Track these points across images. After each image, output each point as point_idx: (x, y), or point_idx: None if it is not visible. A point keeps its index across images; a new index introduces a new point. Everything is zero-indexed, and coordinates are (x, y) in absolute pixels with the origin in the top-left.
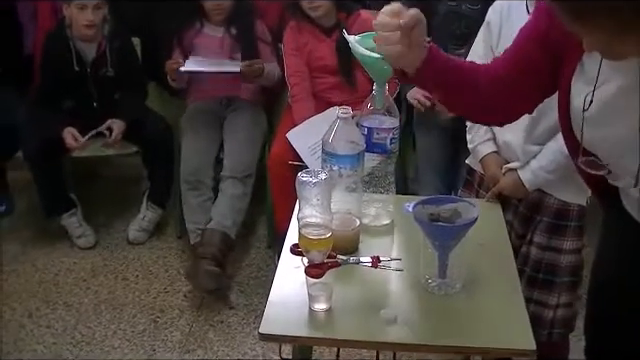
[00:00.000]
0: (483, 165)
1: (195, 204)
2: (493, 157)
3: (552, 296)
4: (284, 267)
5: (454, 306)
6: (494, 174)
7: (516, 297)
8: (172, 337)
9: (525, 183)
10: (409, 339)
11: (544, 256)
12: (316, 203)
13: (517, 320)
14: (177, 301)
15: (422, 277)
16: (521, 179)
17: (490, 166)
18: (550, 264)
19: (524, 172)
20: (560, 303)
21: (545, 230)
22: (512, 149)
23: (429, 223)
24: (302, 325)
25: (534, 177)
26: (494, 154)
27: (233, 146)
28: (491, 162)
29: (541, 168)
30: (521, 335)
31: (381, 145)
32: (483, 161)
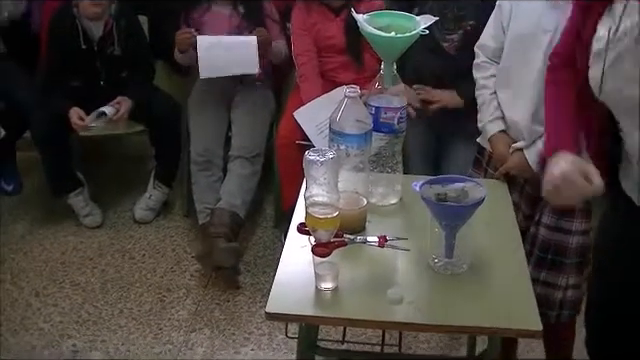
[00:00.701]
0: (491, 144)
1: (205, 184)
2: (501, 136)
3: (561, 277)
4: (291, 246)
5: (461, 286)
6: (502, 153)
7: (523, 277)
8: (178, 316)
9: (531, 163)
10: (415, 319)
11: (553, 237)
12: (323, 182)
13: (524, 300)
14: (184, 280)
15: (429, 257)
16: (527, 159)
17: (498, 145)
18: (559, 245)
19: (530, 152)
20: (569, 284)
21: (553, 211)
22: (519, 128)
23: (436, 203)
24: (308, 304)
25: (539, 157)
26: (502, 133)
27: (241, 126)
28: (499, 141)
29: None
30: (527, 316)
31: (389, 124)
32: (491, 140)
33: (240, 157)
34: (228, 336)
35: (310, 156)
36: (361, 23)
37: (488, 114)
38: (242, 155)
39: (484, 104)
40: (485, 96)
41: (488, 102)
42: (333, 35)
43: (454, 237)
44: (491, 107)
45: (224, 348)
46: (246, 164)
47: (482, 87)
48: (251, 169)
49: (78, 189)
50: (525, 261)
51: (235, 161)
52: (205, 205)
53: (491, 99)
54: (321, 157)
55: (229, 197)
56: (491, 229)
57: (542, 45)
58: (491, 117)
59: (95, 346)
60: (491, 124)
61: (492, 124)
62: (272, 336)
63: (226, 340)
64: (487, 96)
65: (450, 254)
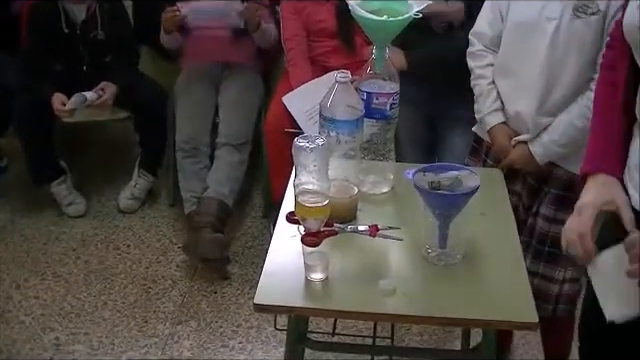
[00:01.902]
0: (491, 136)
1: (191, 172)
2: (502, 128)
3: (558, 270)
4: (280, 236)
5: (454, 277)
6: (503, 146)
7: (518, 268)
8: (164, 308)
9: (536, 156)
10: (408, 310)
11: (550, 229)
12: (313, 170)
13: (519, 292)
14: (170, 271)
15: (422, 247)
16: (532, 152)
17: (498, 138)
18: (556, 237)
19: (535, 145)
20: (566, 278)
21: (552, 202)
22: (523, 120)
23: (429, 191)
24: (298, 296)
25: (545, 150)
26: (503, 125)
27: (229, 112)
28: (500, 133)
29: (552, 141)
30: (523, 307)
31: (381, 111)
32: (491, 132)
33: (227, 144)
34: (215, 329)
35: (300, 143)
36: (352, 6)
37: (487, 105)
38: (229, 142)
39: (482, 95)
40: (483, 86)
41: (486, 93)
42: (324, 19)
43: (448, 227)
44: (490, 98)
45: (211, 341)
46: (233, 152)
47: (479, 77)
48: (239, 157)
49: (61, 177)
50: (521, 251)
51: (222, 148)
52: (191, 194)
53: (489, 90)
54: (311, 144)
55: (217, 185)
56: (486, 219)
57: (546, 34)
58: (490, 108)
59: (78, 339)
60: (490, 116)
61: (492, 116)
62: (261, 329)
63: (213, 333)
64: (485, 86)
65: (444, 244)
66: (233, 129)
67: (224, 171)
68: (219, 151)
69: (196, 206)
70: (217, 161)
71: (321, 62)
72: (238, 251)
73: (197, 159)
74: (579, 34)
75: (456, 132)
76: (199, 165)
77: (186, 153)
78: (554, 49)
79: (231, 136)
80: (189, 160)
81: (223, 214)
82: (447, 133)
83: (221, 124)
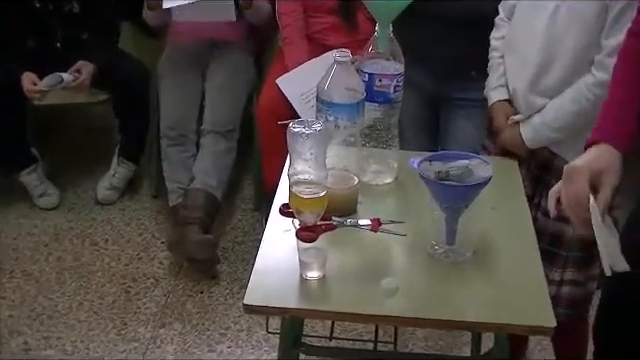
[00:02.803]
0: (492, 113)
1: (177, 161)
2: (501, 105)
3: (554, 270)
4: (272, 230)
5: (463, 276)
6: (499, 125)
7: (534, 268)
8: (146, 309)
9: (525, 139)
10: (412, 312)
11: (549, 225)
12: (309, 158)
13: (535, 293)
14: (152, 269)
15: (428, 243)
16: (520, 134)
17: (497, 115)
18: (555, 234)
19: (525, 126)
20: (564, 279)
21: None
22: (518, 99)
23: (436, 182)
24: (292, 296)
25: (534, 133)
26: (503, 103)
27: (214, 96)
28: (499, 111)
29: (543, 124)
30: (539, 310)
31: (384, 93)
32: (491, 109)
33: (213, 132)
34: (202, 332)
35: (295, 128)
36: None
37: (493, 80)
38: (215, 130)
39: (492, 68)
40: (494, 59)
41: (495, 67)
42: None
43: (456, 221)
44: (497, 72)
45: (197, 345)
46: (219, 140)
47: (493, 49)
48: (225, 145)
49: (32, 166)
50: (537, 249)
51: (207, 136)
52: (177, 185)
53: (499, 64)
54: (307, 129)
55: (203, 176)
56: (499, 213)
57: (548, 9)
58: (496, 83)
59: (50, 343)
60: (494, 91)
61: (494, 91)
62: (251, 332)
63: (199, 336)
64: (496, 59)
65: (452, 240)
66: (219, 115)
67: (210, 160)
68: (204, 139)
69: (182, 198)
70: (202, 150)
71: (319, 40)
72: (227, 247)
73: (183, 147)
74: (580, 13)
75: (466, 115)
76: (186, 154)
77: (171, 140)
78: (553, 26)
79: (217, 123)
80: (175, 148)
81: (211, 207)
82: (453, 118)
83: (206, 110)
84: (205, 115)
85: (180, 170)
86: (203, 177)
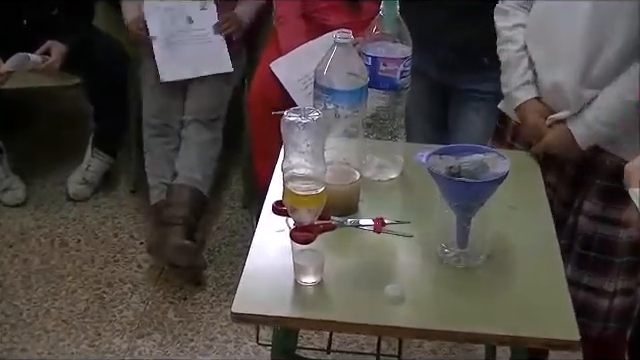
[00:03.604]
0: (520, 115)
1: (160, 153)
2: (534, 104)
3: (608, 281)
4: (264, 231)
5: (476, 283)
6: (535, 125)
7: (555, 274)
8: (122, 318)
9: (577, 138)
10: (419, 323)
11: (597, 229)
12: (306, 150)
13: (557, 303)
14: (129, 273)
15: (437, 246)
16: (572, 133)
17: (530, 116)
18: (605, 240)
19: (576, 125)
20: (618, 289)
21: (599, 196)
22: (563, 93)
23: (447, 178)
24: (285, 303)
25: (588, 131)
26: (535, 101)
27: (197, 82)
28: (532, 111)
29: (597, 120)
30: (562, 322)
31: (389, 79)
32: (521, 110)
33: (195, 121)
34: (184, 343)
35: (290, 117)
36: None
37: (516, 77)
38: (197, 119)
39: (510, 64)
40: (510, 53)
41: (516, 61)
42: None
43: (469, 222)
44: (520, 68)
45: (179, 358)
46: (202, 130)
47: (506, 40)
48: (209, 135)
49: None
50: (559, 253)
51: (190, 127)
52: (160, 180)
53: (519, 57)
54: (304, 118)
55: (187, 171)
56: (517, 213)
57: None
58: (520, 81)
59: (14, 355)
60: (520, 90)
61: (522, 90)
62: (239, 343)
63: (182, 348)
64: (513, 53)
65: (464, 243)
66: (202, 102)
67: (194, 153)
68: (187, 130)
69: (165, 195)
70: (185, 142)
71: (318, 20)
72: (213, 249)
73: (167, 138)
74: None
75: (473, 109)
76: (170, 146)
77: (154, 130)
78: (600, 6)
79: (199, 111)
80: (158, 139)
81: (197, 204)
82: (463, 111)
83: (188, 97)
84: (187, 103)
85: (163, 164)
86: (187, 172)
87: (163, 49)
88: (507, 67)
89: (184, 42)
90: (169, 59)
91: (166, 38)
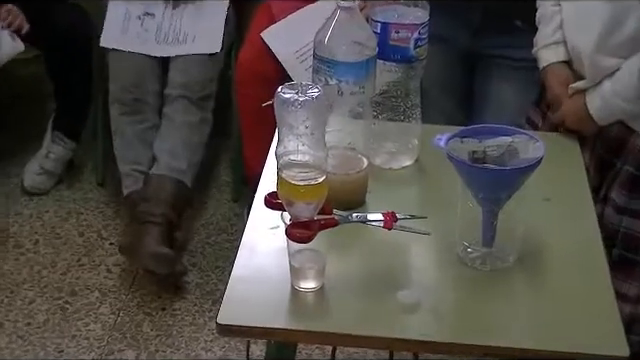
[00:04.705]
0: (544, 79)
1: (132, 134)
2: (558, 69)
3: (631, 283)
4: (255, 228)
5: (505, 289)
6: (556, 94)
7: (600, 279)
8: (89, 332)
9: (592, 111)
10: (437, 335)
11: (621, 222)
12: (304, 132)
13: (600, 312)
14: (97, 278)
15: (458, 245)
16: (586, 106)
17: (552, 81)
18: (629, 235)
19: (592, 97)
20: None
21: (624, 184)
22: (580, 59)
23: (470, 165)
24: (280, 313)
25: (604, 104)
26: (560, 65)
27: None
28: (555, 76)
29: (615, 93)
30: (607, 334)
31: (402, 49)
32: (544, 73)
33: (182, 98)
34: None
35: (285, 94)
36: None
37: (545, 34)
38: (186, 95)
39: (543, 18)
40: (546, 7)
41: (549, 17)
42: None
43: (496, 217)
44: (551, 25)
45: None
46: (191, 109)
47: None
48: (199, 115)
49: None
50: (603, 255)
51: (174, 104)
52: (133, 167)
53: (553, 13)
54: (301, 96)
55: (169, 158)
56: (552, 206)
57: None
58: (549, 39)
59: None
60: (548, 50)
61: (547, 50)
62: None
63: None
64: (549, 7)
65: (490, 241)
66: (190, 75)
67: (178, 136)
68: (169, 107)
69: (140, 185)
70: (167, 122)
71: None
72: (196, 250)
73: (141, 116)
74: None
75: (503, 78)
76: (144, 124)
77: (125, 107)
78: None
79: (187, 85)
80: (129, 117)
81: (180, 200)
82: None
83: (172, 70)
84: (170, 75)
85: (137, 147)
86: (169, 159)
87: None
88: (540, 22)
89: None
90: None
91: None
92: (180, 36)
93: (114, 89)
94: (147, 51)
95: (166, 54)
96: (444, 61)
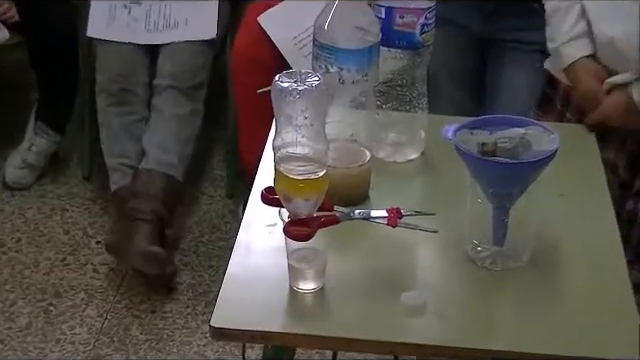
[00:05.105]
0: (571, 77)
1: (120, 127)
2: (588, 64)
3: None
4: (251, 225)
5: (517, 290)
6: (590, 90)
7: (617, 279)
8: (74, 336)
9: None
10: (445, 339)
11: None
12: (303, 123)
13: (618, 315)
14: (83, 279)
15: (467, 243)
16: (636, 100)
17: (583, 79)
18: None
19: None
20: None
21: None
22: (621, 51)
23: (480, 158)
24: (278, 315)
25: None
26: (589, 60)
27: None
28: (584, 71)
29: None
30: (625, 340)
31: (407, 35)
32: (571, 71)
33: (172, 88)
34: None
35: (283, 83)
36: None
37: (565, 29)
38: (175, 85)
39: (557, 12)
40: None
41: (564, 10)
42: None
43: (507, 213)
44: (569, 18)
45: None
46: (181, 99)
47: None
48: (189, 107)
49: None
50: (622, 253)
51: (163, 95)
52: (121, 160)
53: (568, 5)
54: (300, 85)
55: (159, 152)
56: (567, 202)
57: None
58: (571, 34)
59: None
60: (570, 46)
61: (572, 45)
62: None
63: None
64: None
65: (501, 240)
66: (180, 63)
67: (168, 129)
68: (159, 98)
69: (129, 180)
70: (157, 114)
71: None
72: (189, 248)
73: (130, 107)
74: None
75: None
76: (132, 116)
77: (112, 98)
78: None
79: (177, 75)
80: (117, 109)
81: (171, 195)
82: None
83: (162, 58)
84: (159, 64)
85: (124, 140)
86: (159, 153)
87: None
88: (554, 16)
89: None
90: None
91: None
92: (171, 21)
93: (101, 79)
94: (137, 40)
95: (158, 42)
96: (454, 46)
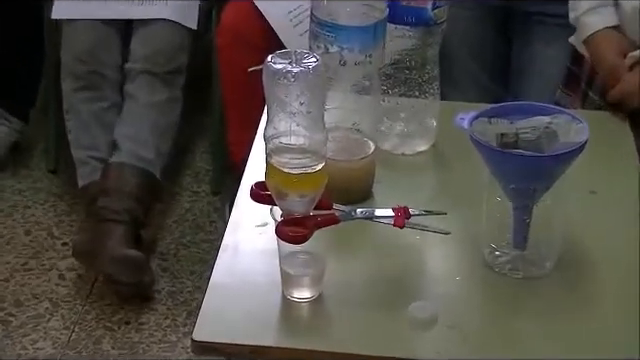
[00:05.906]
0: (592, 50)
1: (89, 115)
2: (610, 36)
3: None
4: (239, 225)
5: (540, 300)
6: (611, 65)
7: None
8: (36, 351)
9: None
10: (459, 354)
11: None
12: (298, 110)
13: None
14: (47, 286)
15: (484, 247)
16: None
17: (604, 51)
18: None
19: None
20: None
21: None
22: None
23: (499, 151)
24: (268, 327)
25: None
26: (612, 31)
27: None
28: (608, 44)
29: None
30: None
31: (418, 10)
32: (593, 43)
33: (147, 73)
34: None
35: (276, 64)
36: None
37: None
38: (150, 70)
39: None
40: None
41: None
42: None
43: (530, 213)
44: None
45: None
46: (157, 86)
47: None
48: (166, 94)
49: None
50: None
51: (138, 80)
52: (90, 153)
53: None
54: (295, 66)
55: (133, 144)
56: (598, 201)
57: None
58: (592, 2)
59: None
60: (592, 14)
61: (594, 14)
62: None
63: None
64: None
65: (522, 243)
66: (154, 45)
67: (144, 119)
68: (132, 85)
69: (100, 174)
70: (130, 102)
71: None
72: (168, 252)
73: (99, 92)
74: None
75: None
76: (102, 103)
77: (79, 81)
78: None
79: (151, 58)
80: (84, 94)
81: (146, 193)
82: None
83: (135, 39)
84: (132, 46)
85: (93, 129)
86: (132, 145)
87: None
88: None
89: None
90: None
91: None
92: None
93: (66, 60)
94: (108, 14)
95: (130, 16)
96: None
